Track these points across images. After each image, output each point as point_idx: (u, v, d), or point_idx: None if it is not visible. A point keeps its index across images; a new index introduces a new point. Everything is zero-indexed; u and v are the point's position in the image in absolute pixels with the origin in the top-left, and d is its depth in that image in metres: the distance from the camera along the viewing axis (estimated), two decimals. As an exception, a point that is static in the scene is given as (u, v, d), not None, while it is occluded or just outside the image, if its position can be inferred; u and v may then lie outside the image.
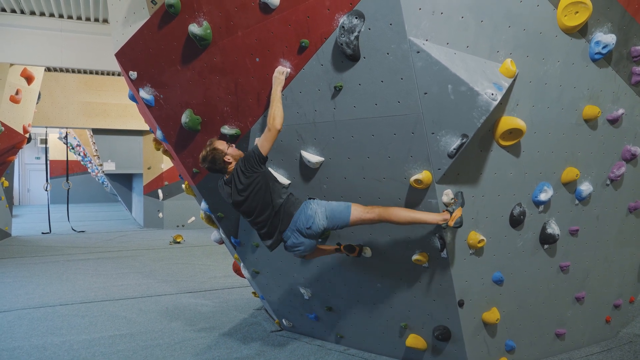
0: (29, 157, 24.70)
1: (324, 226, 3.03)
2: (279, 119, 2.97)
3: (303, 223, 3.04)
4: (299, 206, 3.09)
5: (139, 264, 7.93)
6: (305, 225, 3.04)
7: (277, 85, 3.03)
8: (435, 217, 2.91)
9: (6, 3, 7.00)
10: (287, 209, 3.09)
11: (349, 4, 2.73)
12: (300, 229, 3.06)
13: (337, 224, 3.04)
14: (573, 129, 3.25)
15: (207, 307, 5.25)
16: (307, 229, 3.04)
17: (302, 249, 3.14)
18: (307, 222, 3.04)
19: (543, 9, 2.87)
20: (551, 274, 3.56)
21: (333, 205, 3.07)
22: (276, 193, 3.09)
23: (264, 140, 3.02)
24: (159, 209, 13.05)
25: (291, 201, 3.12)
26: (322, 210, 3.04)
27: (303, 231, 3.06)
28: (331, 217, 3.02)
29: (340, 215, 3.01)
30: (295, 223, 3.06)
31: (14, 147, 9.24)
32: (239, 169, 3.09)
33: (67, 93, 11.56)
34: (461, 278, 3.20)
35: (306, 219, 3.04)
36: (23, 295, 5.84)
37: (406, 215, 2.93)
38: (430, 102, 2.72)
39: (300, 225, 3.05)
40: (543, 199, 3.24)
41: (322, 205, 3.08)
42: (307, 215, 3.04)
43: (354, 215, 3.00)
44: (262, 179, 3.06)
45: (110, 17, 3.90)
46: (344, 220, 3.01)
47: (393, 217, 2.94)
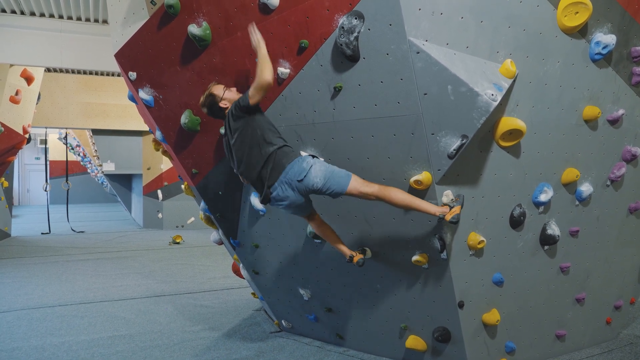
0: (29, 157, 24.71)
1: (317, 185, 2.87)
2: (266, 73, 2.83)
3: (294, 175, 2.88)
4: (292, 158, 2.94)
5: (138, 264, 7.92)
6: (296, 177, 2.88)
7: (260, 48, 2.91)
8: (434, 207, 2.85)
9: (6, 4, 6.99)
10: (279, 159, 2.93)
11: (349, 4, 2.73)
12: (290, 181, 2.90)
13: (333, 188, 2.87)
14: (573, 129, 3.24)
15: (207, 308, 5.24)
16: (298, 181, 2.88)
17: (285, 204, 2.98)
18: (300, 174, 2.87)
19: (543, 9, 2.87)
20: (551, 275, 3.55)
21: (334, 168, 2.93)
22: (266, 141, 2.94)
23: (253, 91, 2.91)
24: (159, 210, 13.04)
25: (284, 152, 2.96)
26: (319, 168, 2.89)
27: (293, 183, 2.90)
28: (329, 178, 2.87)
29: (339, 180, 2.87)
30: (286, 174, 2.90)
31: (13, 148, 9.24)
32: (230, 113, 3.03)
33: (67, 93, 11.56)
34: (461, 279, 3.19)
35: (299, 170, 2.88)
36: (22, 295, 5.83)
37: (404, 198, 2.85)
38: (430, 102, 2.72)
39: (290, 176, 2.89)
40: (543, 199, 3.23)
41: (322, 163, 2.94)
42: (301, 167, 2.89)
43: (353, 185, 2.87)
44: (248, 126, 2.95)
45: (110, 17, 3.89)
46: (341, 186, 2.87)
47: (391, 197, 2.84)
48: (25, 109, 9.07)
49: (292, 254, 3.85)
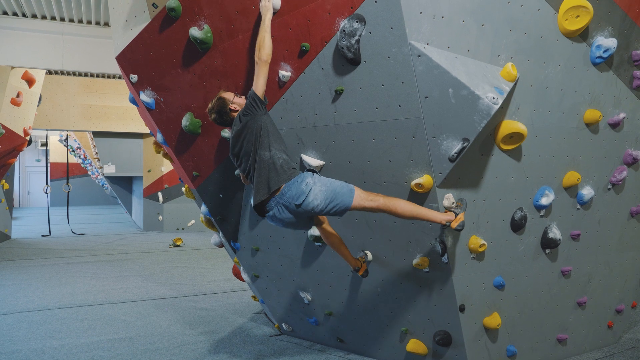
0: (30, 159, 24.73)
1: (318, 208, 2.71)
2: (265, 50, 2.79)
3: (292, 197, 2.71)
4: (291, 177, 2.78)
5: (139, 267, 7.91)
6: (294, 201, 2.71)
7: (265, 14, 2.86)
8: (440, 216, 2.80)
9: (7, 6, 7.01)
10: (271, 171, 2.77)
11: (350, 7, 2.73)
12: (286, 204, 2.74)
13: (337, 208, 2.73)
14: (574, 133, 3.24)
15: (207, 311, 5.23)
16: (296, 205, 2.71)
17: (282, 224, 2.85)
18: (298, 198, 2.70)
19: (544, 13, 2.87)
20: (552, 278, 3.54)
21: (335, 185, 2.76)
22: (270, 149, 2.81)
23: (255, 78, 2.84)
24: (159, 212, 13.04)
25: (284, 168, 2.79)
26: (320, 189, 2.72)
27: (290, 207, 2.73)
28: (332, 198, 2.71)
29: (343, 198, 2.72)
30: (283, 196, 2.73)
31: (14, 150, 9.25)
32: (240, 114, 2.94)
33: (68, 96, 11.58)
34: (462, 283, 3.18)
35: (297, 194, 2.70)
36: (22, 298, 5.82)
37: (410, 209, 2.76)
38: (431, 106, 2.72)
39: (287, 199, 2.73)
40: (544, 203, 3.23)
41: (322, 182, 2.76)
42: (300, 190, 2.71)
43: (357, 201, 2.74)
44: (255, 124, 2.82)
45: (112, 20, 3.90)
46: (345, 204, 2.73)
47: (397, 209, 2.74)
48: (26, 111, 9.08)
49: (292, 257, 3.84)
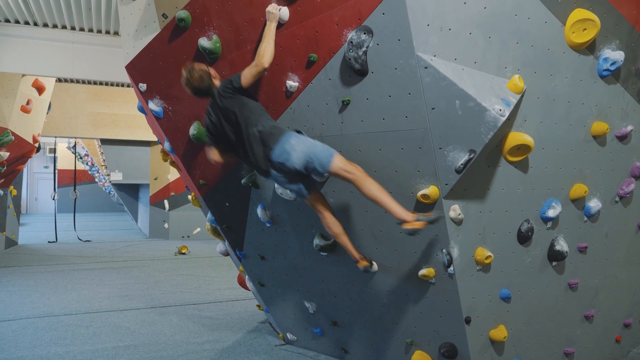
0: (38, 166, 24.93)
1: (298, 166, 2.90)
2: (267, 57, 2.90)
3: (276, 156, 2.92)
4: (278, 138, 2.93)
5: (144, 274, 7.93)
6: (277, 159, 2.93)
7: (270, 22, 2.96)
8: (401, 212, 2.81)
9: (20, 15, 7.12)
10: (266, 140, 2.94)
11: (358, 19, 2.76)
12: (274, 161, 2.96)
13: (315, 166, 2.87)
14: (581, 145, 3.23)
15: (211, 319, 5.22)
16: (279, 163, 2.93)
17: (277, 183, 3.08)
18: (280, 157, 2.91)
19: (551, 25, 2.88)
20: (559, 291, 3.51)
21: (317, 147, 2.92)
22: (250, 122, 2.97)
23: (247, 73, 2.96)
24: (165, 220, 13.08)
25: (272, 133, 2.95)
26: (301, 149, 2.89)
27: (276, 164, 2.96)
28: (311, 157, 2.87)
29: (322, 159, 2.87)
30: (273, 153, 2.93)
31: (23, 156, 9.33)
32: (218, 91, 3.05)
33: (77, 103, 11.70)
34: (468, 294, 3.16)
35: (280, 152, 2.91)
36: (28, 304, 5.84)
37: (377, 193, 2.84)
38: (438, 117, 2.73)
39: (274, 157, 2.94)
40: (551, 215, 3.21)
41: (305, 142, 2.93)
42: (283, 149, 2.90)
43: (336, 165, 2.86)
44: (237, 104, 2.98)
45: (122, 29, 3.96)
46: (323, 165, 2.86)
47: (365, 187, 2.84)
48: (35, 118, 9.18)
49: (298, 267, 3.84)
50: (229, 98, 3.02)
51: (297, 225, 3.63)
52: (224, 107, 3.04)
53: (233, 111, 3.03)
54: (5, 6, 6.77)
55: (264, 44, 2.95)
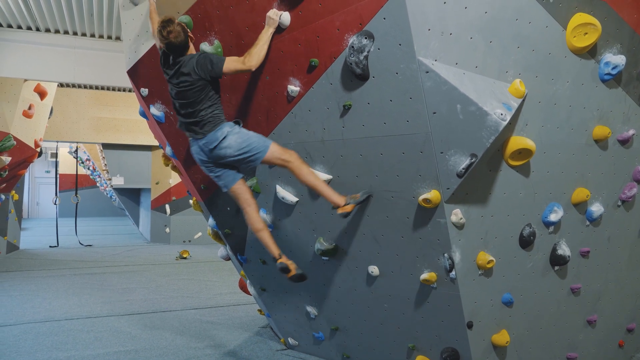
0: (39, 170, 24.95)
1: (230, 153, 3.00)
2: (256, 60, 2.94)
3: (209, 143, 3.02)
4: (216, 126, 3.04)
5: (145, 279, 7.92)
6: (209, 146, 3.02)
7: (269, 26, 2.98)
8: (334, 197, 2.99)
9: (22, 20, 7.15)
10: (206, 123, 3.03)
11: (359, 24, 2.76)
12: (203, 147, 3.06)
13: (249, 156, 3.01)
14: (583, 149, 3.23)
15: (213, 324, 5.21)
16: (209, 149, 3.03)
17: (203, 169, 3.18)
18: (212, 144, 3.01)
19: (552, 30, 2.89)
20: (562, 296, 3.50)
21: (252, 137, 3.05)
22: (204, 102, 3.03)
23: (231, 65, 2.97)
24: (166, 224, 13.08)
25: (211, 117, 3.04)
26: (236, 139, 3.00)
27: (205, 150, 3.05)
28: (246, 148, 3.00)
29: (257, 150, 3.01)
30: (205, 139, 3.04)
31: (25, 161, 9.35)
32: (194, 61, 2.99)
33: (79, 108, 11.72)
34: (470, 299, 3.15)
35: (212, 140, 3.01)
36: (29, 309, 5.84)
37: (312, 179, 3.02)
38: (439, 121, 2.73)
39: (205, 144, 3.04)
40: (553, 219, 3.21)
41: (240, 134, 3.04)
42: (215, 137, 3.01)
43: (270, 155, 3.01)
44: (202, 82, 3.00)
45: (124, 35, 3.97)
46: (257, 155, 3.01)
47: (301, 173, 3.01)
48: (37, 123, 9.20)
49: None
50: (199, 73, 3.00)
51: (299, 230, 3.62)
52: (187, 74, 3.01)
53: (191, 83, 3.01)
54: (8, 12, 6.80)
55: (257, 46, 2.98)
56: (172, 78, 3.10)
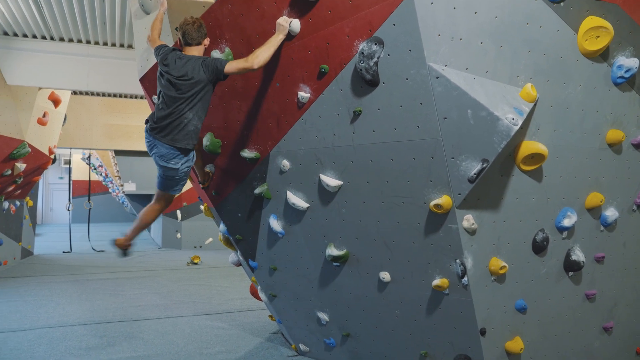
0: (53, 176, 25.29)
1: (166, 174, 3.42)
2: (260, 60, 2.97)
3: (166, 158, 3.29)
4: (186, 153, 3.29)
5: (157, 284, 7.97)
6: (164, 160, 3.31)
7: (279, 33, 3.03)
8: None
9: (37, 30, 7.28)
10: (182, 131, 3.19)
11: (368, 30, 2.77)
12: (161, 156, 3.30)
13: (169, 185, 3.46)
14: (596, 153, 3.19)
15: (224, 329, 5.22)
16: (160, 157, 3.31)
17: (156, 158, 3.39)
18: (168, 162, 3.30)
19: (563, 33, 2.87)
20: (576, 302, 3.45)
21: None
22: (194, 106, 3.15)
23: (235, 65, 3.07)
24: (177, 230, 13.15)
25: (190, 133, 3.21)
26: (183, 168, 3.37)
27: (160, 161, 3.33)
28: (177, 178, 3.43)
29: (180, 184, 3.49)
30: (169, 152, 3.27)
31: (39, 168, 9.47)
32: (202, 61, 3.13)
33: (92, 115, 11.87)
34: (483, 305, 3.12)
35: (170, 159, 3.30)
36: (43, 314, 5.90)
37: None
38: (450, 126, 2.72)
39: (166, 155, 3.28)
40: (567, 224, 3.17)
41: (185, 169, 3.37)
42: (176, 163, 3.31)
43: None
44: (201, 84, 3.12)
45: (136, 43, 4.02)
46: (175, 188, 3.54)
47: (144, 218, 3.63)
48: (51, 130, 9.33)
49: (310, 277, 3.83)
50: (204, 72, 3.11)
51: (309, 236, 3.62)
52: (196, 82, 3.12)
53: (188, 79, 3.12)
54: (23, 22, 6.93)
55: (263, 48, 3.01)
56: (172, 70, 3.16)
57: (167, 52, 3.25)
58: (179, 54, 3.22)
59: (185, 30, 3.21)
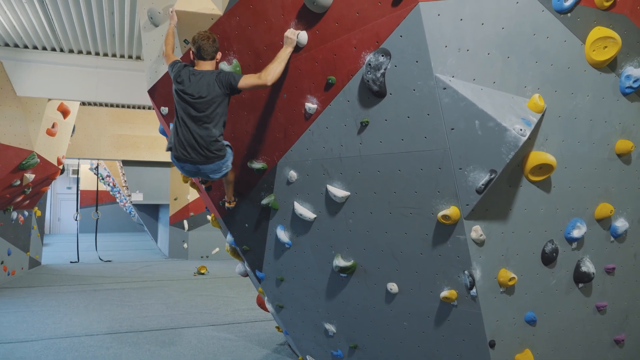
0: (61, 186, 25.46)
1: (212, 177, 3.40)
2: (273, 76, 3.00)
3: (209, 168, 3.27)
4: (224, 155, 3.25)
5: (164, 294, 7.97)
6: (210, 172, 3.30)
7: (287, 45, 3.04)
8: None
9: (47, 42, 7.38)
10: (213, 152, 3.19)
11: (376, 42, 2.78)
12: (202, 170, 3.30)
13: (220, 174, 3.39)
14: (605, 163, 3.17)
15: (230, 340, 5.20)
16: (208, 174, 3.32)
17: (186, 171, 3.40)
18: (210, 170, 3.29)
19: (570, 44, 2.87)
20: (587, 314, 3.41)
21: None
22: (213, 120, 3.15)
23: (248, 80, 3.08)
24: (184, 240, 13.17)
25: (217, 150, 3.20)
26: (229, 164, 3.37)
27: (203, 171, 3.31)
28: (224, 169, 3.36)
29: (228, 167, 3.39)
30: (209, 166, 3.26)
31: (48, 178, 9.55)
32: (215, 75, 3.14)
33: (100, 126, 11.98)
34: (492, 317, 3.09)
35: (216, 168, 3.28)
36: (51, 324, 5.91)
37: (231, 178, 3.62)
38: (458, 137, 2.71)
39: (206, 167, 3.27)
40: (576, 235, 3.14)
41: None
42: (220, 167, 3.29)
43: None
44: (215, 99, 3.12)
45: (144, 55, 4.07)
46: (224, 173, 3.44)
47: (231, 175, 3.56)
48: (60, 141, 9.42)
49: (317, 288, 3.81)
50: (219, 88, 3.12)
51: (317, 246, 3.62)
52: (211, 97, 3.13)
53: (205, 97, 3.12)
54: (34, 34, 7.03)
55: (275, 63, 3.02)
56: (188, 88, 3.16)
57: (180, 68, 3.24)
58: (192, 70, 3.21)
59: (201, 45, 3.20)
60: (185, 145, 3.20)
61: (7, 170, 7.90)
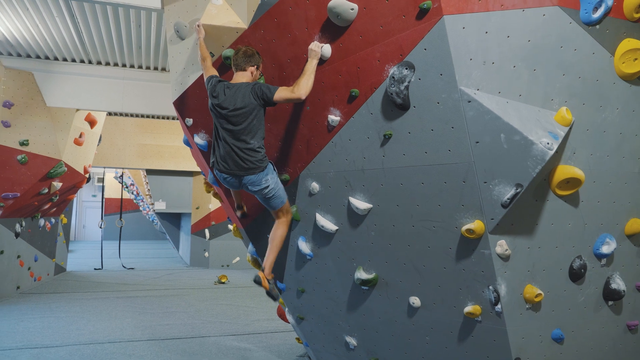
0: (86, 194, 26.01)
1: (258, 193, 3.36)
2: (305, 90, 3.02)
3: (250, 181, 3.27)
4: (264, 167, 3.25)
5: (185, 303, 8.03)
6: (247, 182, 3.28)
7: (312, 58, 3.06)
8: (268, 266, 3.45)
9: (76, 54, 7.61)
10: (252, 164, 3.20)
11: (399, 55, 2.78)
12: (244, 183, 3.30)
13: (269, 201, 3.40)
14: (636, 178, 3.09)
15: (250, 351, 5.20)
16: (249, 187, 3.31)
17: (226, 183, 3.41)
18: (253, 185, 3.30)
19: (599, 56, 2.82)
20: (617, 333, 3.30)
21: (279, 184, 3.39)
22: (252, 132, 3.17)
23: (283, 94, 3.09)
24: (205, 249, 13.29)
25: (258, 160, 3.21)
26: (272, 182, 3.32)
27: (246, 185, 3.31)
28: (273, 192, 3.35)
29: (280, 197, 3.40)
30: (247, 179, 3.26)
31: (74, 187, 9.78)
32: (251, 87, 3.15)
33: (125, 135, 12.23)
34: (517, 334, 3.02)
35: (257, 180, 3.27)
36: (74, 330, 6.01)
37: (278, 240, 3.49)
38: (482, 151, 2.68)
39: (247, 179, 3.27)
40: (605, 251, 3.06)
41: (275, 180, 3.35)
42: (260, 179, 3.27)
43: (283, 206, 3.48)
44: (255, 114, 3.15)
45: (171, 67, 4.14)
46: (276, 203, 3.42)
47: (277, 230, 3.50)
48: (87, 150, 9.65)
49: (338, 301, 3.79)
50: (254, 99, 3.15)
51: (338, 259, 3.60)
52: (246, 107, 3.14)
53: (240, 109, 3.14)
54: (64, 46, 7.26)
55: (304, 77, 3.04)
56: (223, 102, 3.19)
57: (215, 83, 3.28)
58: (227, 84, 3.25)
59: (234, 57, 3.29)
60: (225, 157, 3.23)
61: (35, 179, 8.12)
